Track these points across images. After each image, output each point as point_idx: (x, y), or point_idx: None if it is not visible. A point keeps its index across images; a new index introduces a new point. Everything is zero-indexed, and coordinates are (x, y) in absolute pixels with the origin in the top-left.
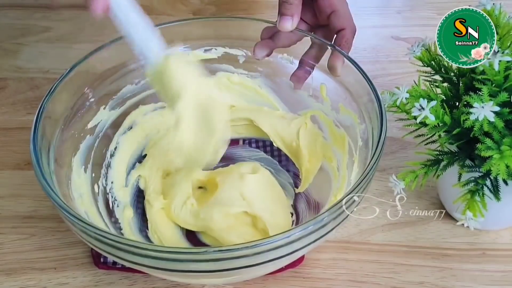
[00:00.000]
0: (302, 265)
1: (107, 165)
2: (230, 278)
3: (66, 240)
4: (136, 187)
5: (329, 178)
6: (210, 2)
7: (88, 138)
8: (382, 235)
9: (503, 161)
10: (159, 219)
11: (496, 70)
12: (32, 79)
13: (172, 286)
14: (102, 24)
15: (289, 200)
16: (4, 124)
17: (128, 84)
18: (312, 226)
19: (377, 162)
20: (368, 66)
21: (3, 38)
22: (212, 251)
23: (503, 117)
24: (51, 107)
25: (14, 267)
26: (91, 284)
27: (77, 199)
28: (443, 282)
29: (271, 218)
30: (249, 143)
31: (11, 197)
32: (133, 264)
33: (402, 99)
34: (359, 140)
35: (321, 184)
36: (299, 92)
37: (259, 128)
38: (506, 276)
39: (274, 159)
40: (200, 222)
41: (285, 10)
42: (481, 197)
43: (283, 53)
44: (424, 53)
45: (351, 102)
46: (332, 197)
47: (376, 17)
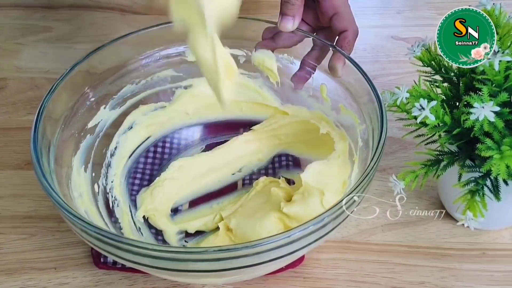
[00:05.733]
0: (302, 265)
1: (107, 164)
2: (230, 278)
3: (66, 240)
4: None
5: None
6: None
7: (88, 137)
8: (382, 235)
9: (503, 161)
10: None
11: (496, 70)
12: (32, 79)
13: (172, 286)
14: (102, 24)
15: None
16: (4, 124)
17: (128, 84)
18: (312, 226)
19: (378, 162)
20: (368, 66)
21: (3, 38)
22: (212, 250)
23: (503, 117)
24: (51, 107)
25: (14, 267)
26: (91, 284)
27: (77, 198)
28: (443, 282)
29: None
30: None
31: (11, 197)
32: (133, 263)
33: (402, 99)
34: (359, 140)
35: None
36: (300, 92)
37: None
38: (506, 276)
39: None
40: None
41: (287, 10)
42: (481, 197)
43: (283, 54)
44: (424, 53)
45: (352, 102)
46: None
47: (376, 17)
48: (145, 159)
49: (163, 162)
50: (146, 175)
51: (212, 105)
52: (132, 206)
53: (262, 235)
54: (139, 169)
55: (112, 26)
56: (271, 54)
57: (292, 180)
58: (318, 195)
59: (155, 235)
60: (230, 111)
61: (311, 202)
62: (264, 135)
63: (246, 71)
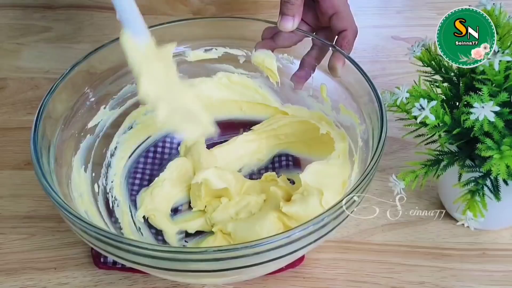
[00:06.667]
0: (302, 265)
1: (107, 164)
2: (230, 278)
3: (66, 240)
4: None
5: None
6: (210, 2)
7: (88, 137)
8: (382, 235)
9: (503, 161)
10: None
11: (496, 70)
12: (32, 79)
13: (172, 286)
14: (102, 24)
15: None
16: (4, 124)
17: (128, 84)
18: (312, 226)
19: (378, 162)
20: (368, 66)
21: (3, 38)
22: (212, 250)
23: (503, 117)
24: (51, 107)
25: (14, 267)
26: (91, 284)
27: (77, 198)
28: (443, 282)
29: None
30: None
31: (11, 197)
32: (133, 263)
33: (402, 99)
34: (359, 140)
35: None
36: (300, 92)
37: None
38: (506, 276)
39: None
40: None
41: (287, 10)
42: (481, 197)
43: (283, 54)
44: (424, 53)
45: (352, 102)
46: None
47: (376, 17)
48: (145, 159)
49: (163, 162)
50: (146, 175)
51: (212, 105)
52: (132, 206)
53: (261, 235)
54: (139, 169)
55: (112, 26)
56: (271, 54)
57: (292, 180)
58: (318, 195)
59: (155, 235)
60: (230, 111)
61: (310, 202)
62: (264, 135)
63: (246, 71)
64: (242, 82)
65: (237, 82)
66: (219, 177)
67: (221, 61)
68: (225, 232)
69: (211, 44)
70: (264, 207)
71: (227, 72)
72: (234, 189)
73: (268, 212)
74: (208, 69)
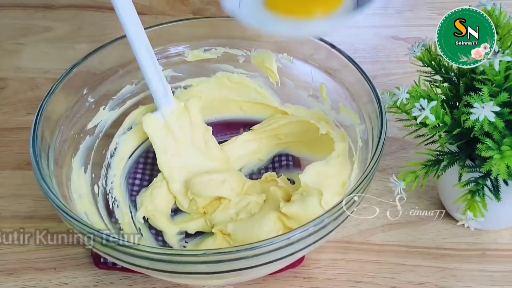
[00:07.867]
0: (302, 265)
1: (107, 165)
2: (229, 279)
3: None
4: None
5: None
6: (210, 2)
7: (88, 138)
8: (382, 235)
9: (503, 161)
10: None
11: (497, 70)
12: (32, 79)
13: (172, 286)
14: (102, 24)
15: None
16: (4, 124)
17: (128, 84)
18: (312, 227)
19: (377, 163)
20: (368, 66)
21: (3, 38)
22: (211, 253)
23: (503, 117)
24: (51, 107)
25: (14, 267)
26: (91, 284)
27: (76, 199)
28: (443, 282)
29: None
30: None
31: (11, 197)
32: (132, 265)
33: (402, 100)
34: (359, 140)
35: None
36: (299, 92)
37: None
38: (506, 276)
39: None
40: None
41: None
42: (481, 197)
43: (283, 53)
44: (424, 53)
45: (351, 102)
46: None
47: (376, 17)
48: (145, 159)
49: None
50: (146, 176)
51: (212, 105)
52: (132, 207)
53: (261, 236)
54: (139, 169)
55: (112, 26)
56: (270, 53)
57: (292, 180)
58: (317, 196)
59: (155, 236)
60: (230, 111)
61: (310, 202)
62: (264, 135)
63: (246, 71)
64: (242, 82)
65: (237, 82)
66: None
67: (220, 61)
68: (225, 233)
69: (210, 44)
70: (264, 208)
71: (227, 72)
72: (231, 192)
73: (268, 213)
74: (208, 69)
